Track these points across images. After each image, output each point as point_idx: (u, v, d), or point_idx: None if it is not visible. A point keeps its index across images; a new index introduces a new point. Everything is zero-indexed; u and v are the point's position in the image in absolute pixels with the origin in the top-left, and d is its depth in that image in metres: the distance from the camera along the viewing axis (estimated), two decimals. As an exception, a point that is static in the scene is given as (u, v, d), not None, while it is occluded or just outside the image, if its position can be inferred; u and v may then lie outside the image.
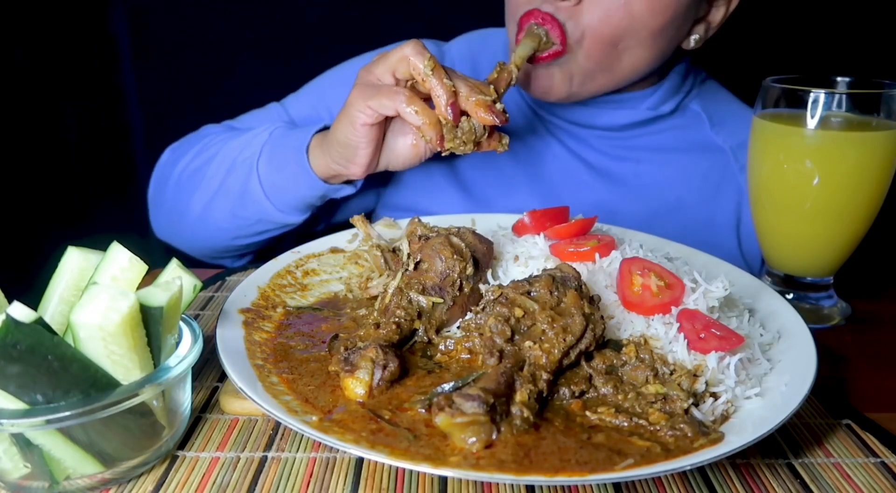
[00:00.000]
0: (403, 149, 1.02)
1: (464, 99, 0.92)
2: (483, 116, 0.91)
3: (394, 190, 1.32)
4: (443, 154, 0.96)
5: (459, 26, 1.39)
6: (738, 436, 0.62)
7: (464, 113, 0.93)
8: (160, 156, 1.33)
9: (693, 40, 1.17)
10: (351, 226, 1.01)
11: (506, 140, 0.97)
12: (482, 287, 0.83)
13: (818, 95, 0.93)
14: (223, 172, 1.17)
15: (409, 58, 0.93)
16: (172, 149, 1.32)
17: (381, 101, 0.92)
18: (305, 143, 1.07)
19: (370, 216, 1.34)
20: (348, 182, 1.10)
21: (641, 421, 0.65)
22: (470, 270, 0.81)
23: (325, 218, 1.32)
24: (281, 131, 1.14)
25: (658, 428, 0.64)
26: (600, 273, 0.83)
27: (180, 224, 1.28)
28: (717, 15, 1.17)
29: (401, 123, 1.00)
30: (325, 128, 1.09)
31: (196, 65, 2.21)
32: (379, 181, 1.32)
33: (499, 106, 0.92)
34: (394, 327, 0.75)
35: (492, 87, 0.94)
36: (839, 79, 1.00)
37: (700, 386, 0.69)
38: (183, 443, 0.70)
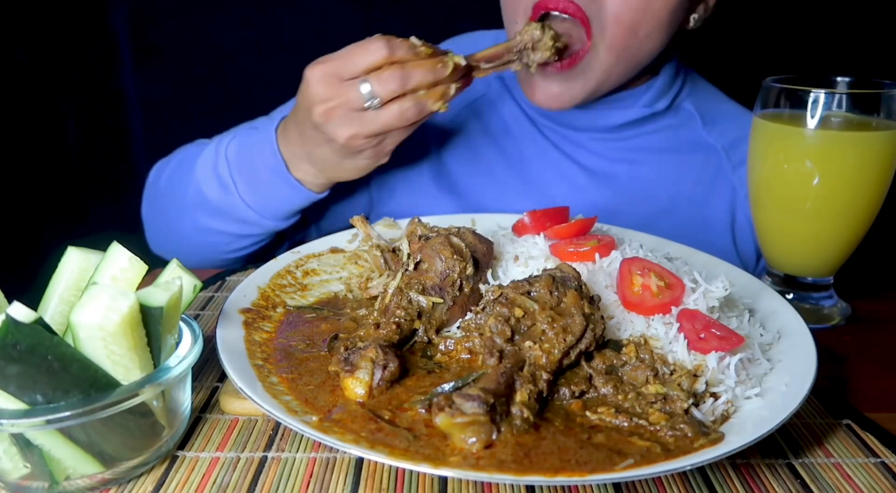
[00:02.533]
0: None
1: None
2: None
3: (387, 196, 1.31)
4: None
5: (459, 26, 1.39)
6: (738, 436, 0.62)
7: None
8: (152, 169, 1.33)
9: (693, 19, 1.17)
10: (351, 226, 1.01)
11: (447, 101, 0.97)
12: (482, 287, 0.83)
13: (818, 95, 0.93)
14: (197, 197, 1.16)
15: (381, 51, 0.92)
16: (157, 167, 1.31)
17: (377, 128, 0.95)
18: (282, 166, 1.07)
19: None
20: None
21: (641, 421, 0.65)
22: (470, 270, 0.81)
23: (314, 220, 1.32)
24: (236, 150, 1.12)
25: (658, 428, 0.64)
26: (600, 273, 0.83)
27: (174, 243, 1.28)
28: None
29: None
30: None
31: (196, 65, 2.21)
32: (366, 183, 1.32)
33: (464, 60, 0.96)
34: (394, 327, 0.75)
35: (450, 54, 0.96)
36: (839, 79, 0.99)
37: (700, 386, 0.69)
38: (183, 443, 0.70)
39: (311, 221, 1.32)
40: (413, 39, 0.93)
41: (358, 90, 0.93)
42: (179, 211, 1.20)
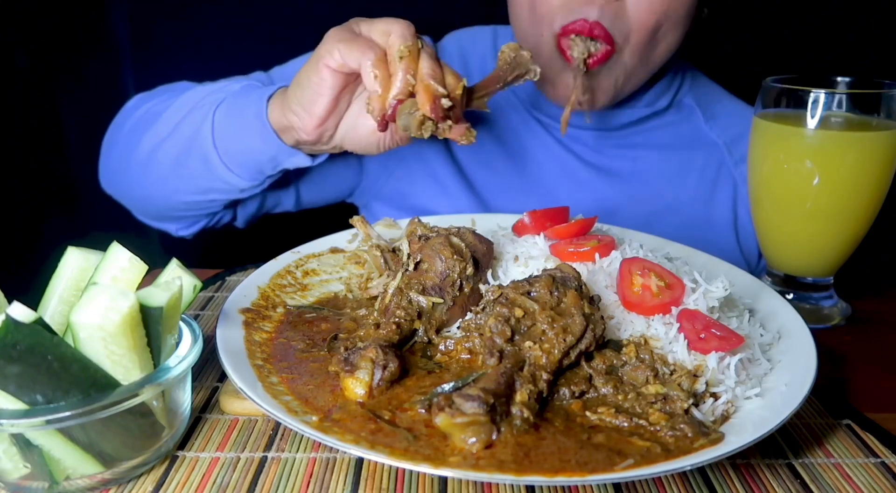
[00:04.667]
0: (364, 130, 0.96)
1: (418, 79, 0.86)
2: (422, 103, 0.85)
3: (385, 180, 1.30)
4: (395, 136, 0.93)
5: (459, 26, 1.39)
6: (738, 436, 0.62)
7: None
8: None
9: (704, 11, 1.17)
10: (351, 226, 1.01)
11: (473, 134, 0.89)
12: (482, 287, 0.83)
13: (818, 95, 0.93)
14: (180, 115, 1.10)
15: (390, 34, 0.87)
16: (140, 96, 1.26)
17: (351, 49, 0.87)
18: (269, 93, 1.01)
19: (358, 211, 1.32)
20: (311, 156, 1.05)
21: (641, 421, 0.65)
22: (470, 270, 0.81)
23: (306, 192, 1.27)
24: (254, 86, 1.08)
25: (658, 428, 0.64)
26: (600, 273, 0.83)
27: (125, 171, 1.20)
28: None
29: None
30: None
31: (196, 65, 2.21)
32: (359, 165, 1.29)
33: (445, 102, 0.85)
34: (394, 327, 0.75)
35: (463, 82, 0.89)
36: (839, 79, 1.00)
37: (700, 386, 0.69)
38: (183, 443, 0.70)
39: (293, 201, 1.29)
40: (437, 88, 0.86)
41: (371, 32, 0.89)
42: (142, 136, 1.14)
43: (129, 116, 1.22)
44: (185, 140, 1.08)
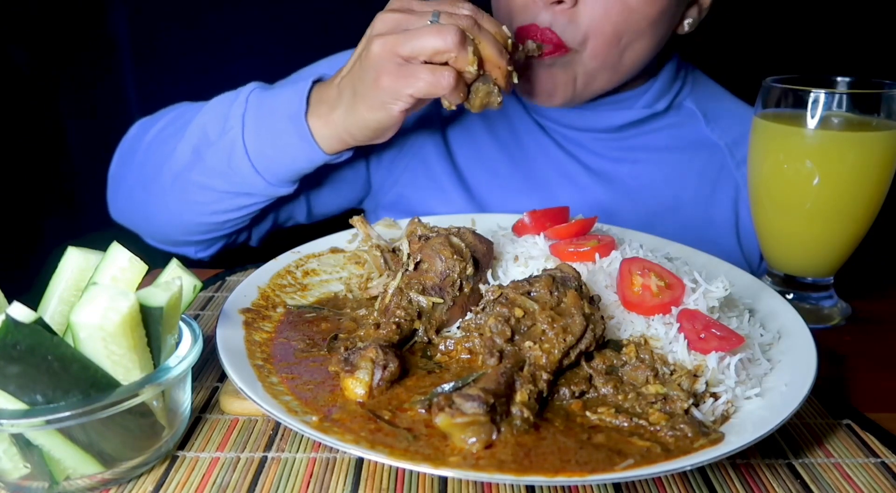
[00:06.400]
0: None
1: (491, 64, 0.90)
2: (502, 83, 0.92)
3: (391, 186, 1.31)
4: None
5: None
6: (738, 436, 0.62)
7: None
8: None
9: (687, 24, 1.17)
10: (351, 226, 1.01)
11: (500, 98, 0.95)
12: (482, 287, 0.83)
13: (818, 95, 0.93)
14: (196, 142, 1.07)
15: (451, 53, 0.87)
16: (141, 123, 1.23)
17: (423, 88, 0.88)
18: (302, 110, 0.99)
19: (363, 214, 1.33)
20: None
21: (641, 421, 0.65)
22: (470, 270, 0.81)
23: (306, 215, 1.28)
24: (260, 96, 1.04)
25: (658, 428, 0.64)
26: (600, 273, 0.83)
27: (146, 200, 1.17)
28: None
29: None
30: (318, 79, 1.03)
31: (196, 65, 2.21)
32: (365, 171, 1.30)
33: (515, 77, 0.93)
34: (394, 327, 0.75)
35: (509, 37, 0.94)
36: (839, 79, 0.99)
37: (700, 386, 0.69)
38: (183, 443, 0.70)
39: (303, 214, 1.28)
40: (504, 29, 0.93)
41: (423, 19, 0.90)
42: (161, 162, 1.12)
43: (137, 146, 1.20)
44: (218, 170, 1.06)
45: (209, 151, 1.06)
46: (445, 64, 0.89)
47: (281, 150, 1.02)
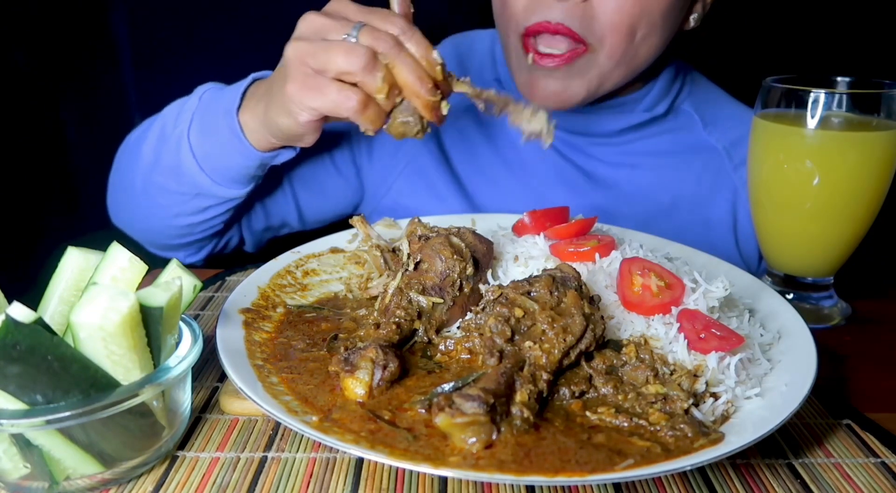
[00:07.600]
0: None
1: (409, 91, 0.84)
2: (425, 113, 0.85)
3: (385, 193, 1.30)
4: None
5: (459, 27, 1.39)
6: (738, 436, 0.62)
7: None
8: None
9: (693, 19, 1.16)
10: (351, 226, 1.01)
11: (420, 128, 0.87)
12: (482, 287, 0.83)
13: (818, 95, 0.93)
14: (155, 142, 1.08)
15: (356, 76, 0.82)
16: (132, 132, 1.24)
17: (326, 105, 0.84)
18: (235, 105, 0.97)
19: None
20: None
21: (641, 421, 0.65)
22: (470, 270, 0.81)
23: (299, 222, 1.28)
24: (211, 94, 1.04)
25: (658, 428, 0.64)
26: (600, 273, 0.83)
27: (128, 205, 1.19)
28: None
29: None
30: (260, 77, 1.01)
31: (196, 66, 2.21)
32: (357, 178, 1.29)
33: (444, 108, 0.86)
34: (394, 327, 0.75)
35: (451, 76, 0.87)
36: (839, 79, 0.99)
37: (700, 386, 0.69)
38: (183, 443, 0.70)
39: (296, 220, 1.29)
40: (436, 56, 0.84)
41: (344, 33, 0.83)
42: (133, 165, 1.12)
43: (123, 152, 1.22)
44: (170, 169, 1.06)
45: (163, 148, 1.06)
46: (356, 85, 0.83)
47: (217, 146, 1.01)
